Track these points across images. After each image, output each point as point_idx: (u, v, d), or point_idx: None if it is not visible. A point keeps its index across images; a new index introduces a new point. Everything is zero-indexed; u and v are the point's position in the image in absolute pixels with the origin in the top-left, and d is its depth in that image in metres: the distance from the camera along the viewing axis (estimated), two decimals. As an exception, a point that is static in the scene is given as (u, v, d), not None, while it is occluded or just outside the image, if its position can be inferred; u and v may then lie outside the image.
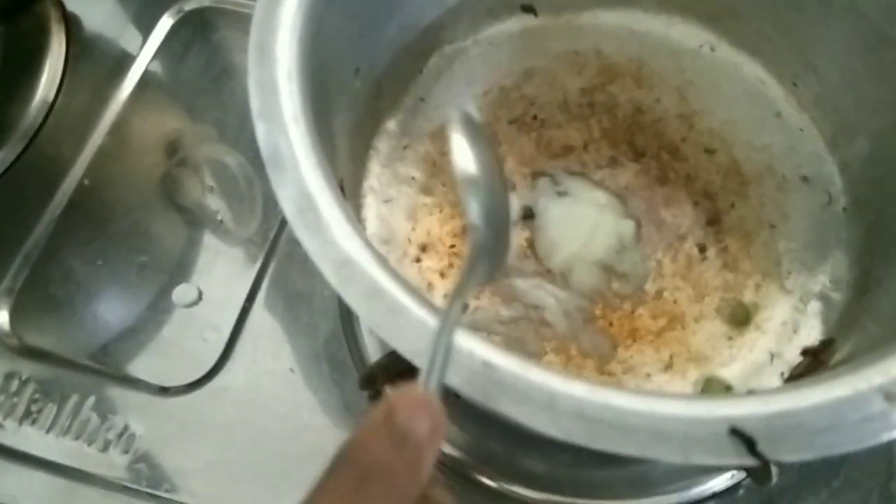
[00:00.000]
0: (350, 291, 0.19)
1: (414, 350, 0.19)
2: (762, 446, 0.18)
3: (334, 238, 0.20)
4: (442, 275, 0.32)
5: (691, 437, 0.18)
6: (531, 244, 0.32)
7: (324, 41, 0.25)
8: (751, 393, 0.21)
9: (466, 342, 0.19)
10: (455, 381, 0.18)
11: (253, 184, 0.39)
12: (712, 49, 0.36)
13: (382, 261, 0.20)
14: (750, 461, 0.17)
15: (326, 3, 0.25)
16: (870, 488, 0.32)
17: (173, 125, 0.42)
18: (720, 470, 0.32)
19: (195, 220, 0.38)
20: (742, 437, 0.18)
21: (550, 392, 0.18)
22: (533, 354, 0.29)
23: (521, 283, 0.31)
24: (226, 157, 0.40)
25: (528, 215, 0.33)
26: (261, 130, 0.21)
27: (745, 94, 0.36)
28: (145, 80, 0.42)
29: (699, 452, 0.18)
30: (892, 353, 0.19)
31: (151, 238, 0.38)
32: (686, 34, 0.37)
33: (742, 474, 0.32)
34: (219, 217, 0.38)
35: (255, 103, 0.22)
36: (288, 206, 0.20)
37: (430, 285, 0.31)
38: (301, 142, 0.21)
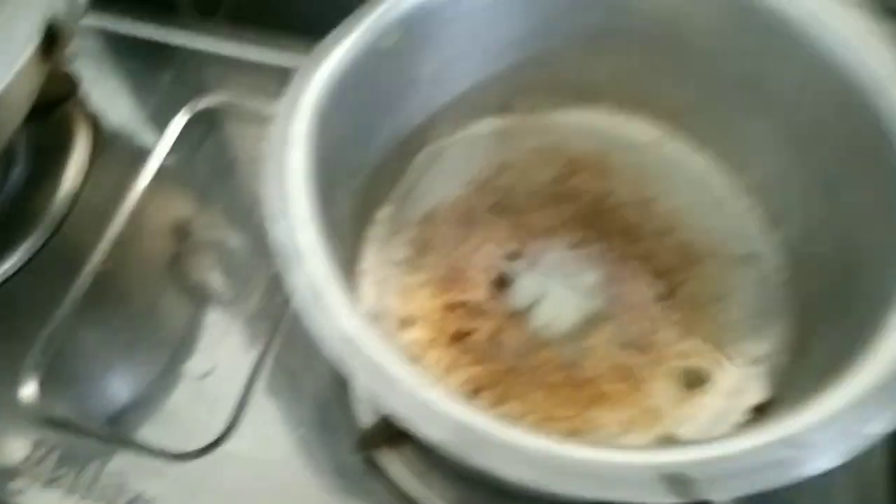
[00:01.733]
0: (354, 367, 0.23)
1: (406, 414, 0.23)
2: (690, 488, 0.21)
3: (339, 321, 0.24)
4: (431, 343, 0.36)
5: (630, 480, 0.21)
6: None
7: (328, 149, 0.30)
8: (677, 443, 0.25)
9: (448, 405, 0.23)
10: (438, 437, 0.22)
11: (255, 265, 0.43)
12: (664, 144, 0.42)
13: (379, 339, 0.24)
14: (681, 500, 0.21)
15: (331, 118, 0.30)
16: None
17: (185, 212, 0.46)
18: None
19: (202, 298, 0.42)
20: (674, 481, 0.21)
21: (517, 447, 0.22)
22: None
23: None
24: (231, 240, 0.44)
25: (509, 283, 0.37)
26: (276, 229, 0.26)
27: (695, 183, 0.40)
28: (161, 173, 0.47)
29: (637, 493, 0.21)
30: (802, 410, 0.24)
31: (165, 316, 0.42)
32: (642, 130, 0.42)
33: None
34: (225, 299, 0.42)
35: (271, 209, 0.26)
36: (298, 295, 0.24)
37: (418, 355, 0.35)
38: (312, 239, 0.26)
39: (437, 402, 0.23)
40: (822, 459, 0.22)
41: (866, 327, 0.26)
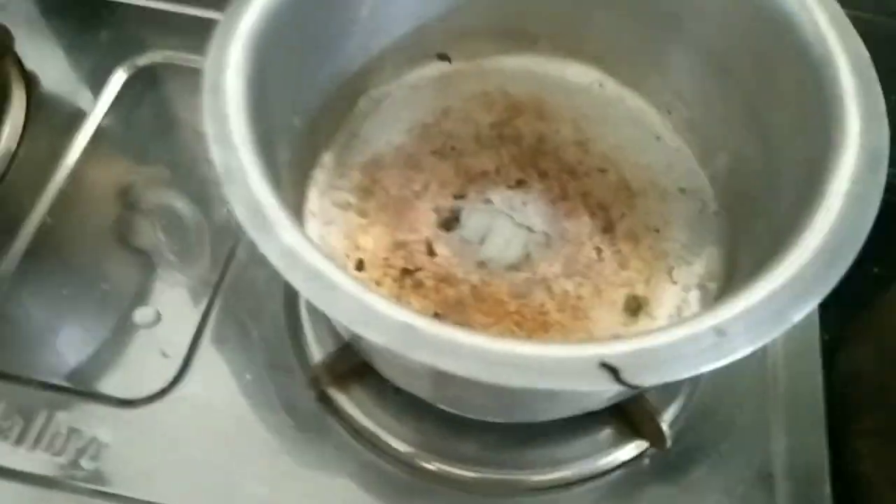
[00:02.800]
0: (294, 275, 0.24)
1: (349, 319, 0.23)
2: (624, 375, 0.23)
3: (279, 234, 0.24)
4: (377, 283, 0.36)
5: (571, 370, 0.23)
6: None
7: (266, 82, 0.30)
8: (616, 336, 0.26)
9: (390, 308, 0.23)
10: (382, 339, 0.23)
11: (201, 225, 0.43)
12: (601, 85, 0.43)
13: (318, 250, 0.24)
14: (616, 386, 0.22)
15: (267, 50, 0.30)
16: (752, 448, 0.37)
17: (127, 171, 0.45)
18: (627, 442, 0.37)
19: (147, 256, 0.42)
20: (609, 368, 0.23)
21: (457, 343, 0.23)
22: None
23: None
24: (175, 201, 0.44)
25: (455, 220, 0.38)
26: (214, 151, 0.26)
27: (630, 122, 0.42)
28: (100, 131, 0.46)
29: (578, 381, 0.22)
30: (725, 303, 0.25)
31: (110, 272, 0.41)
32: (579, 73, 0.43)
33: (645, 444, 0.37)
34: (170, 256, 0.42)
35: (209, 129, 0.26)
36: (239, 211, 0.25)
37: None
38: (248, 160, 0.26)
39: (378, 305, 0.23)
40: (744, 344, 0.23)
41: (784, 234, 0.28)
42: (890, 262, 0.44)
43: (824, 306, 0.25)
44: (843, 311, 0.39)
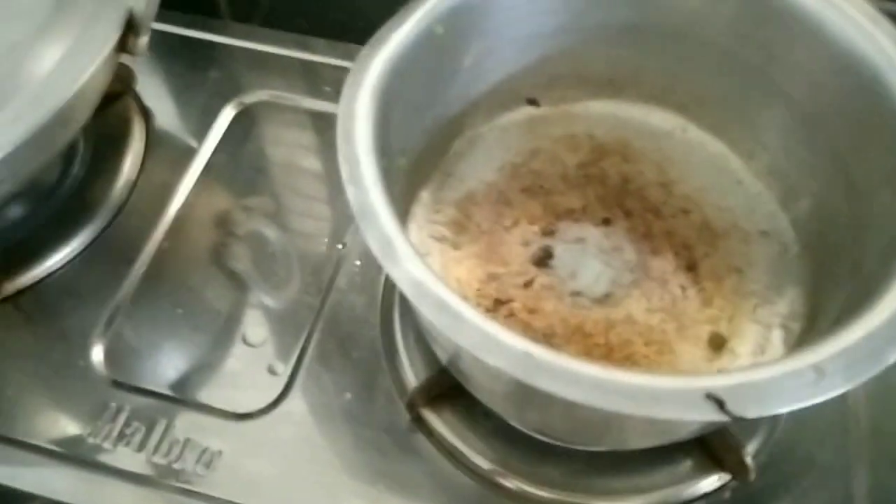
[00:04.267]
0: (423, 303, 0.26)
1: (473, 346, 0.26)
2: (729, 406, 0.24)
3: (408, 266, 0.27)
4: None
5: (680, 400, 0.24)
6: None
7: (388, 128, 0.33)
8: (721, 371, 0.28)
9: (509, 337, 0.26)
10: (504, 365, 0.25)
11: (301, 253, 0.46)
12: (684, 131, 0.45)
13: (442, 282, 0.27)
14: (722, 416, 0.24)
15: (389, 98, 0.33)
16: (834, 486, 0.38)
17: (233, 204, 0.49)
18: (709, 473, 0.38)
19: (256, 284, 0.45)
20: (715, 400, 0.24)
21: (573, 371, 0.25)
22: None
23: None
24: (275, 231, 0.47)
25: (547, 256, 0.40)
26: (350, 191, 0.29)
27: (712, 166, 0.44)
28: (209, 164, 0.50)
29: (687, 411, 0.24)
30: (823, 343, 0.27)
31: (221, 294, 0.45)
32: (662, 119, 0.45)
33: (727, 477, 0.38)
34: (274, 282, 0.45)
35: (344, 172, 0.29)
36: (373, 245, 0.27)
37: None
38: (377, 199, 0.29)
39: (499, 334, 0.26)
40: (842, 382, 0.25)
41: (873, 281, 0.29)
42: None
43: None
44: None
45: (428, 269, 0.27)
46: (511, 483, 0.38)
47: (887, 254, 0.31)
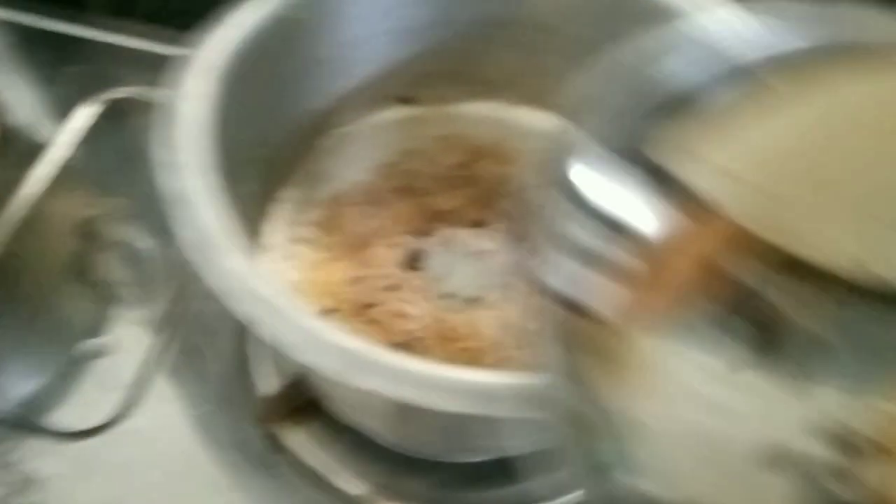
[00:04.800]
0: (234, 300, 0.24)
1: (292, 345, 0.23)
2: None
3: (223, 259, 0.25)
4: (334, 313, 0.36)
5: (525, 398, 0.23)
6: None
7: (230, 114, 0.30)
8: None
9: (335, 335, 0.23)
10: (326, 365, 0.23)
11: (158, 259, 0.43)
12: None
13: (265, 277, 0.25)
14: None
15: (235, 79, 0.31)
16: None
17: (87, 205, 0.45)
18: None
19: (102, 292, 0.41)
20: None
21: (405, 370, 0.23)
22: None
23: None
24: (133, 234, 0.44)
25: (416, 258, 0.38)
26: (164, 176, 0.26)
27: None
28: (63, 163, 0.46)
29: (525, 409, 0.22)
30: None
31: (62, 304, 0.41)
32: (539, 120, 0.44)
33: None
34: (125, 289, 0.41)
35: (160, 154, 0.26)
36: (184, 234, 0.25)
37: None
38: (199, 186, 0.26)
39: (322, 331, 0.23)
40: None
41: None
42: None
43: None
44: None
45: (248, 263, 0.25)
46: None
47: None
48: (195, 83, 0.29)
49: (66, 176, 0.46)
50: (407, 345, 0.35)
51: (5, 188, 0.44)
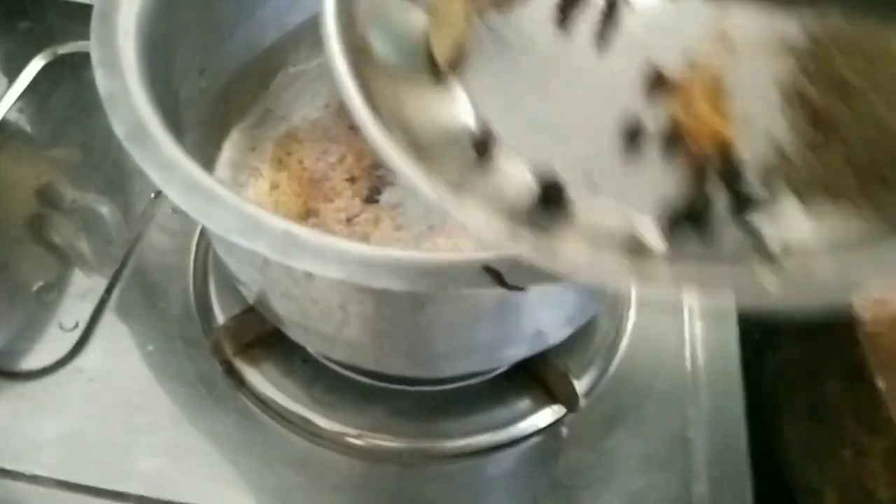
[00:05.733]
0: (171, 186, 0.23)
1: (225, 228, 0.23)
2: (507, 278, 0.22)
3: (159, 148, 0.24)
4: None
5: (452, 273, 0.22)
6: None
7: (169, 28, 0.30)
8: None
9: (269, 217, 0.23)
10: (260, 246, 0.22)
11: (110, 206, 0.42)
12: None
13: (199, 166, 0.24)
14: (498, 288, 0.22)
15: (176, 5, 0.30)
16: (671, 414, 0.36)
17: (37, 157, 0.44)
18: (542, 408, 0.36)
19: (53, 236, 0.40)
20: (492, 272, 0.22)
21: (338, 249, 0.22)
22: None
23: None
24: (85, 182, 0.43)
25: (375, 191, 0.38)
26: (99, 74, 0.25)
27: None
28: (12, 116, 0.45)
29: (459, 284, 0.22)
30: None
31: (11, 251, 0.40)
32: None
33: (563, 411, 0.36)
34: (76, 234, 0.41)
35: (95, 54, 0.26)
36: (120, 127, 0.24)
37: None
38: (135, 84, 0.26)
39: (257, 216, 0.23)
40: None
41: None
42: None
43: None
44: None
45: (182, 152, 0.24)
46: (335, 430, 0.34)
47: None
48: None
49: (16, 126, 0.45)
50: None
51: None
